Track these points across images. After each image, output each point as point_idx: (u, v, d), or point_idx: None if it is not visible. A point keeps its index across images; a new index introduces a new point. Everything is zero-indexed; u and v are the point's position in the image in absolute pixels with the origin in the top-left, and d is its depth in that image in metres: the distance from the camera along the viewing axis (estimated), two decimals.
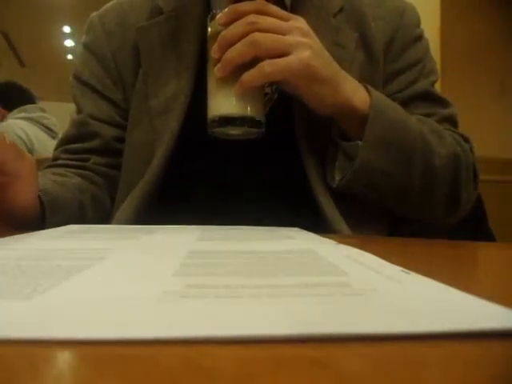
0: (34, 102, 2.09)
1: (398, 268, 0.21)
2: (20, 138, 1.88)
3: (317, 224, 0.49)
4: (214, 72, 0.48)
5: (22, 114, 2.00)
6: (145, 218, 0.55)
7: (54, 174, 0.56)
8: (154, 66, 0.60)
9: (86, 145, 0.62)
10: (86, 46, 0.66)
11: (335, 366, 0.11)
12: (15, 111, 2.01)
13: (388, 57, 0.61)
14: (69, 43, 5.26)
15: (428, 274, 0.19)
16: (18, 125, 1.92)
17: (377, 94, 0.52)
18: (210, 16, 0.51)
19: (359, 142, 0.50)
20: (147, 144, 0.58)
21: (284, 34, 0.47)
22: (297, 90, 0.49)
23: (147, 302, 0.15)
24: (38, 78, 5.34)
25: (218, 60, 0.48)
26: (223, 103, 0.49)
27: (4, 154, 0.39)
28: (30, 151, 1.87)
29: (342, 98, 0.49)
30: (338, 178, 0.54)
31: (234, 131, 0.51)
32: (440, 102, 0.62)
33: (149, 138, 0.58)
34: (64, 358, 0.11)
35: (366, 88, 0.52)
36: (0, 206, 0.43)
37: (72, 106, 0.67)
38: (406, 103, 0.58)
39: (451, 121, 0.61)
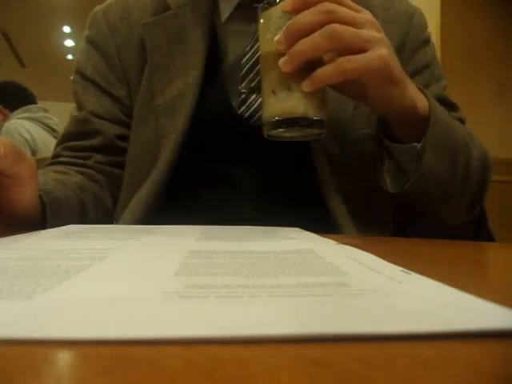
0: (34, 102, 2.09)
1: (398, 268, 0.21)
2: (24, 138, 1.89)
3: (325, 225, 0.49)
4: (279, 66, 0.42)
5: (26, 114, 2.00)
6: (152, 218, 0.55)
7: (55, 172, 0.56)
8: (161, 63, 0.59)
9: (88, 143, 0.62)
10: (90, 41, 0.64)
11: (335, 365, 0.11)
12: (18, 111, 2.02)
13: (400, 60, 0.60)
14: (69, 43, 5.26)
15: (428, 274, 0.19)
16: (22, 125, 1.93)
17: (431, 96, 0.50)
18: (262, 4, 0.45)
19: (417, 145, 0.48)
20: (153, 142, 0.57)
21: (360, 28, 0.42)
22: (366, 90, 0.45)
23: (147, 302, 0.15)
24: (38, 77, 5.34)
25: (283, 53, 0.42)
26: (286, 102, 0.43)
27: (3, 162, 0.39)
28: (34, 152, 1.88)
29: (409, 100, 0.47)
30: (388, 182, 0.51)
31: (295, 133, 0.46)
32: (452, 106, 0.61)
33: (154, 136, 0.57)
34: (64, 358, 0.11)
35: (421, 91, 0.50)
36: (0, 208, 0.43)
37: (72, 106, 0.66)
38: None
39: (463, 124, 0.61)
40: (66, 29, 4.99)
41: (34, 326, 0.12)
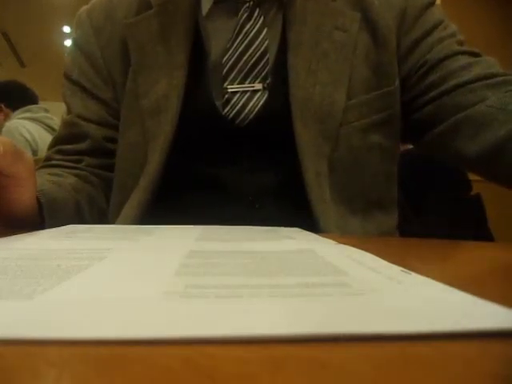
0: (36, 102, 2.10)
1: (398, 268, 0.21)
2: (25, 138, 1.89)
3: (312, 230, 0.48)
4: None
5: (27, 115, 2.00)
6: (144, 222, 0.54)
7: (49, 174, 0.56)
8: (144, 64, 0.58)
9: (78, 146, 0.61)
10: (75, 43, 0.64)
11: (335, 365, 0.11)
12: (19, 111, 2.02)
13: (403, 29, 0.58)
14: (69, 43, 5.26)
15: (428, 274, 0.19)
16: (23, 125, 1.93)
17: None
18: None
19: None
20: (140, 145, 0.57)
21: None
22: None
23: (147, 302, 0.15)
24: (38, 77, 5.33)
25: None
26: None
27: (2, 161, 0.39)
28: (35, 152, 1.88)
29: None
30: None
31: None
32: (474, 54, 0.58)
33: (141, 139, 0.56)
34: (64, 357, 0.11)
35: None
36: None
37: None
38: (436, 65, 0.56)
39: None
40: (66, 29, 4.99)
41: (33, 326, 0.12)
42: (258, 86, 0.55)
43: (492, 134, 0.51)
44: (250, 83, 0.55)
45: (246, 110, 0.55)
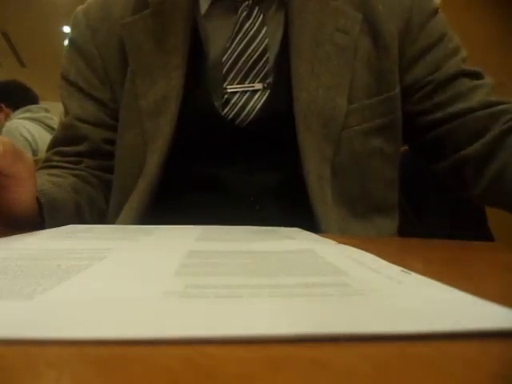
0: (37, 102, 2.10)
1: (398, 268, 0.21)
2: (26, 138, 1.89)
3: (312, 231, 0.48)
4: None
5: (27, 115, 2.00)
6: (145, 224, 0.54)
7: (49, 174, 0.55)
8: (142, 65, 0.57)
9: (76, 148, 0.61)
10: (72, 43, 0.63)
11: (335, 365, 0.11)
12: (20, 111, 2.02)
13: (408, 37, 0.57)
14: None
15: (428, 274, 0.19)
16: (23, 125, 1.93)
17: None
18: None
19: None
20: (139, 146, 0.56)
21: None
22: None
23: (147, 302, 0.15)
24: (38, 78, 5.33)
25: None
26: None
27: (2, 161, 0.39)
28: (35, 152, 1.89)
29: None
30: None
31: None
32: (475, 75, 0.59)
33: (140, 140, 0.56)
34: (64, 357, 0.11)
35: None
36: None
37: None
38: (443, 85, 0.57)
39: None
40: (66, 29, 4.98)
41: (33, 326, 0.12)
42: (257, 85, 0.55)
43: (490, 171, 0.53)
44: (249, 83, 0.55)
45: (246, 110, 0.54)
